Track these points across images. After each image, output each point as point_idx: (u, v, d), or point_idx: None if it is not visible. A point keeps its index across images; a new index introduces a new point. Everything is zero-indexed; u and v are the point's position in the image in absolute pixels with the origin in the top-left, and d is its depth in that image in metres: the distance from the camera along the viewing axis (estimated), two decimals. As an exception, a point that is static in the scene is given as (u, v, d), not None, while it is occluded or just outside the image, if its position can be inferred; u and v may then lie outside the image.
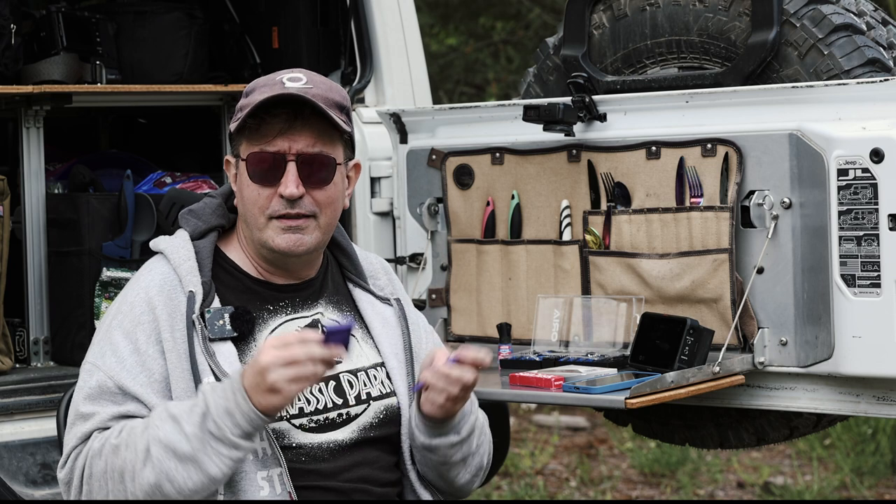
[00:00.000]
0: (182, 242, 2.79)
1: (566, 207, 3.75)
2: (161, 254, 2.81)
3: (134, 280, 2.80)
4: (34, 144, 4.02)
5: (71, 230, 4.04)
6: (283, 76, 2.76)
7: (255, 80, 2.82)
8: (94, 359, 2.72)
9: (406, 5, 4.64)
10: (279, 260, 2.80)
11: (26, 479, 3.61)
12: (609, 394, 3.17)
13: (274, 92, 2.71)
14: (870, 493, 7.13)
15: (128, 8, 4.57)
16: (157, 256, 2.82)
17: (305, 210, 2.74)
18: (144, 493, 2.56)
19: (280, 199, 2.73)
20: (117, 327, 2.72)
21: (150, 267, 2.80)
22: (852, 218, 3.29)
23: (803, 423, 3.77)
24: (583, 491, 7.28)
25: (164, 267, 2.77)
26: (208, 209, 2.85)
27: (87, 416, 2.67)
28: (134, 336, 2.69)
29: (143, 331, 2.69)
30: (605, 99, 3.72)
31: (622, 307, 3.54)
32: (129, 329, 2.70)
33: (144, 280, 2.77)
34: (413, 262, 4.07)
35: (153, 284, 2.74)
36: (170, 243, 2.80)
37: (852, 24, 3.55)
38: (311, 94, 2.72)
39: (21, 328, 4.06)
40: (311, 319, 2.83)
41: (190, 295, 2.72)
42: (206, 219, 2.83)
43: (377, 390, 2.82)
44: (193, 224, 2.82)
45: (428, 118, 4.03)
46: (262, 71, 4.69)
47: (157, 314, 2.70)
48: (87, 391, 2.69)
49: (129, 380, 2.66)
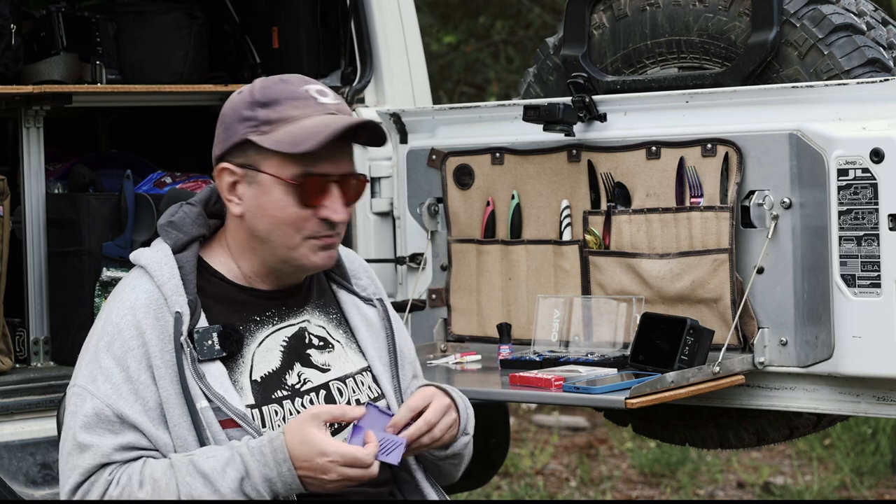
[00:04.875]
0: (165, 258, 2.72)
1: (566, 207, 3.75)
2: (142, 268, 2.74)
3: (117, 297, 2.72)
4: (34, 144, 4.02)
5: (71, 230, 4.03)
6: (309, 88, 2.71)
7: (273, 88, 2.72)
8: (85, 383, 2.66)
9: (406, 5, 4.64)
10: (291, 275, 2.78)
11: (26, 479, 3.60)
12: (609, 394, 3.17)
13: (320, 113, 2.68)
14: (870, 493, 7.13)
15: (128, 8, 4.57)
16: (138, 271, 2.74)
17: (341, 228, 2.74)
18: None
19: (321, 222, 2.69)
20: (105, 350, 2.65)
21: (133, 284, 2.72)
22: (852, 218, 3.30)
23: (803, 423, 3.77)
24: (583, 491, 7.28)
25: (147, 284, 2.70)
26: (188, 219, 2.77)
27: (85, 446, 2.61)
28: (125, 363, 2.64)
29: (133, 357, 2.64)
30: (605, 99, 3.72)
31: (622, 307, 3.54)
32: (119, 355, 2.64)
33: (129, 298, 2.69)
34: (413, 262, 4.07)
35: (139, 304, 2.67)
36: (152, 259, 2.73)
37: (852, 24, 3.55)
38: (346, 111, 2.73)
39: (21, 328, 4.06)
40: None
41: (177, 316, 2.66)
42: (187, 230, 2.76)
43: (365, 396, 2.80)
44: (174, 237, 2.75)
45: (428, 118, 4.03)
46: (262, 71, 4.69)
47: (146, 339, 2.65)
48: (82, 419, 2.62)
49: (126, 407, 2.61)
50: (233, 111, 2.73)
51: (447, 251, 3.94)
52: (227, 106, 2.76)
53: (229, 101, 2.76)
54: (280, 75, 2.77)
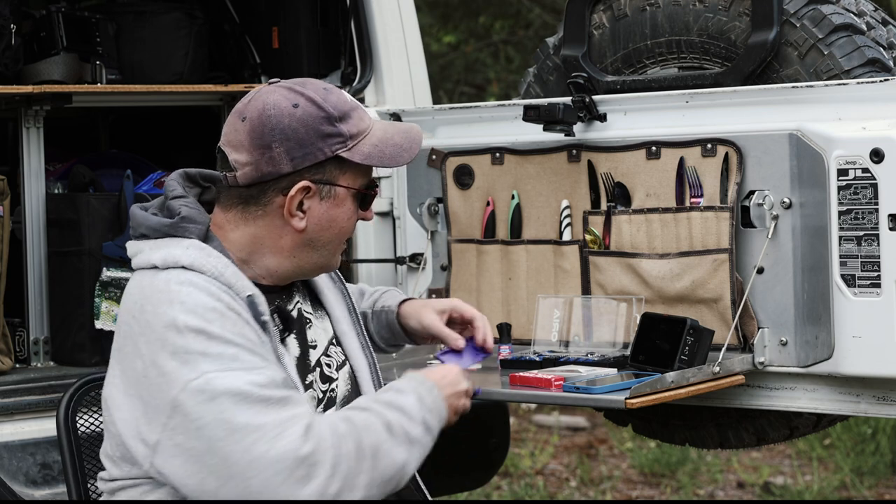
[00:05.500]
0: (209, 250, 2.67)
1: (566, 207, 3.75)
2: (179, 269, 2.65)
3: (176, 300, 2.59)
4: (34, 144, 4.02)
5: (71, 230, 4.03)
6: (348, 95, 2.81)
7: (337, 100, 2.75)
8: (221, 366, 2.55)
9: (406, 5, 4.64)
10: (307, 275, 2.85)
11: (26, 479, 3.60)
12: (609, 394, 3.17)
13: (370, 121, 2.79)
14: (870, 493, 7.13)
15: (128, 8, 4.57)
16: (179, 273, 2.64)
17: None
18: (391, 473, 2.61)
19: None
20: (216, 338, 2.56)
21: (188, 279, 2.62)
22: (852, 218, 3.30)
23: (803, 423, 3.77)
24: (583, 491, 7.28)
25: (199, 278, 2.63)
26: (195, 212, 2.74)
27: (281, 399, 2.55)
28: (239, 341, 2.59)
29: (246, 336, 2.60)
30: (605, 99, 3.72)
31: (622, 307, 3.54)
32: (230, 337, 2.58)
33: (196, 295, 2.60)
34: (413, 262, 4.07)
35: (212, 291, 2.62)
36: (198, 256, 2.66)
37: (852, 24, 3.55)
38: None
39: (21, 328, 4.06)
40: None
41: (250, 299, 2.65)
42: (202, 221, 2.73)
43: (340, 358, 2.90)
44: (197, 231, 2.72)
45: (428, 118, 4.03)
46: (262, 71, 4.69)
47: (243, 316, 2.62)
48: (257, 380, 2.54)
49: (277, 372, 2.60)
50: (305, 128, 2.69)
51: (447, 251, 3.94)
52: (288, 121, 2.69)
53: (291, 116, 2.69)
54: (317, 81, 2.80)
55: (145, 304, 2.62)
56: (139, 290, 2.66)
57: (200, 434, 2.52)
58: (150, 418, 2.57)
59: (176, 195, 2.77)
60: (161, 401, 2.55)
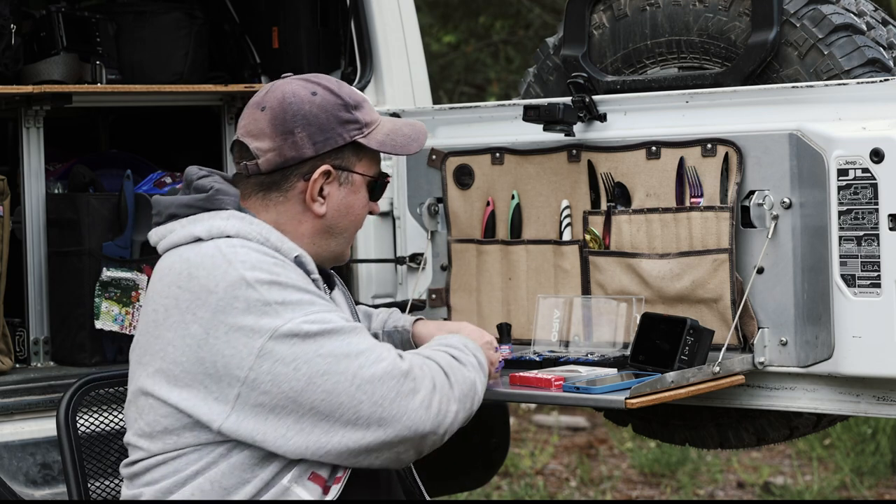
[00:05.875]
0: (250, 219, 2.73)
1: (566, 207, 3.75)
2: (224, 238, 2.69)
3: (236, 260, 2.64)
4: (34, 144, 4.02)
5: (71, 230, 4.03)
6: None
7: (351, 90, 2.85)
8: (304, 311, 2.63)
9: (406, 5, 4.64)
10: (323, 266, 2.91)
11: (26, 479, 3.60)
12: (609, 394, 3.17)
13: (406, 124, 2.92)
14: (870, 493, 7.13)
15: (128, 8, 4.57)
16: (226, 241, 2.69)
17: None
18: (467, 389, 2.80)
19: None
20: (290, 287, 2.64)
21: (237, 243, 2.68)
22: (852, 218, 3.30)
23: (803, 423, 3.77)
24: (583, 491, 7.29)
25: (251, 244, 2.69)
26: (227, 185, 2.80)
27: (364, 329, 2.71)
28: (310, 288, 2.71)
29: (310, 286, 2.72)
30: (605, 99, 3.72)
31: (622, 307, 3.54)
32: (302, 285, 2.68)
33: (252, 254, 2.66)
34: (413, 262, 4.07)
35: (266, 254, 2.69)
36: (240, 224, 2.71)
37: (852, 24, 3.55)
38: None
39: (21, 328, 4.05)
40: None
41: (297, 259, 2.73)
42: (234, 194, 2.79)
43: None
44: (233, 202, 2.77)
45: (428, 118, 4.03)
46: (262, 71, 4.69)
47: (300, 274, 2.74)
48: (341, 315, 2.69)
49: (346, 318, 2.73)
50: (325, 113, 2.78)
51: (447, 251, 3.94)
52: (308, 107, 2.78)
53: (311, 103, 2.78)
54: (329, 76, 2.88)
55: (195, 272, 2.65)
56: (182, 261, 2.69)
57: (297, 375, 2.57)
58: (219, 378, 2.60)
59: (201, 175, 2.82)
60: (236, 357, 2.58)
